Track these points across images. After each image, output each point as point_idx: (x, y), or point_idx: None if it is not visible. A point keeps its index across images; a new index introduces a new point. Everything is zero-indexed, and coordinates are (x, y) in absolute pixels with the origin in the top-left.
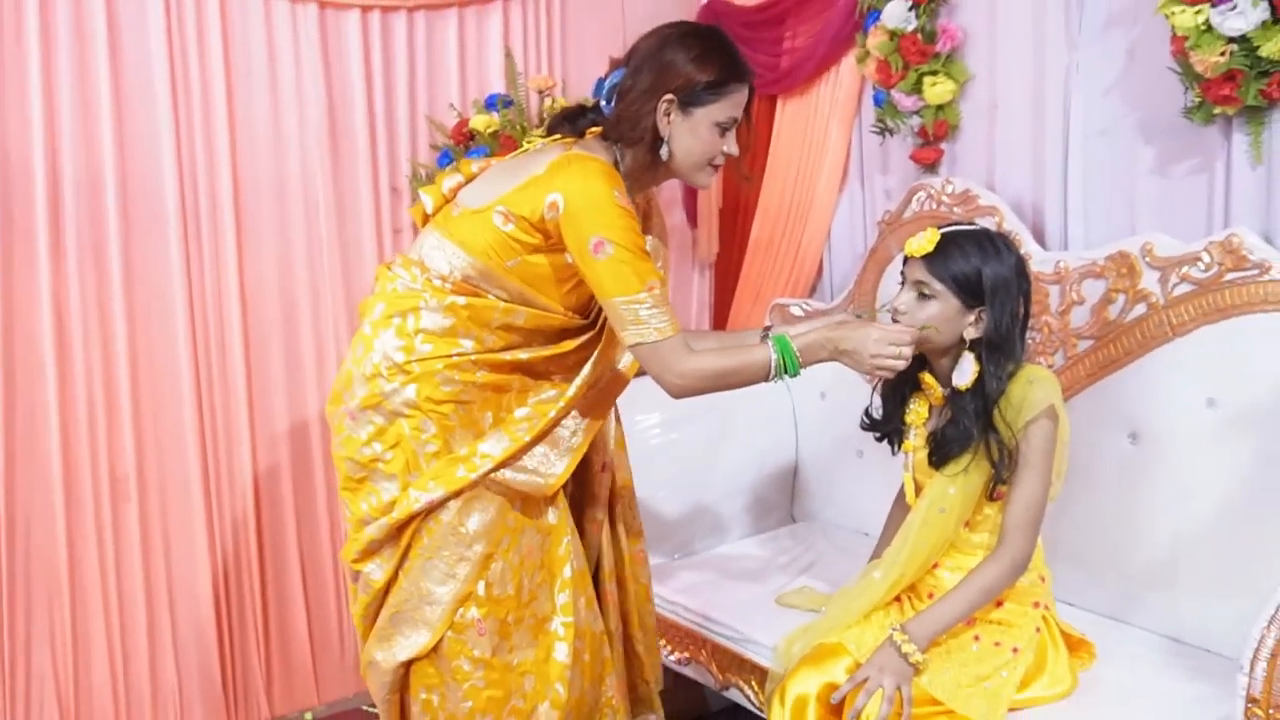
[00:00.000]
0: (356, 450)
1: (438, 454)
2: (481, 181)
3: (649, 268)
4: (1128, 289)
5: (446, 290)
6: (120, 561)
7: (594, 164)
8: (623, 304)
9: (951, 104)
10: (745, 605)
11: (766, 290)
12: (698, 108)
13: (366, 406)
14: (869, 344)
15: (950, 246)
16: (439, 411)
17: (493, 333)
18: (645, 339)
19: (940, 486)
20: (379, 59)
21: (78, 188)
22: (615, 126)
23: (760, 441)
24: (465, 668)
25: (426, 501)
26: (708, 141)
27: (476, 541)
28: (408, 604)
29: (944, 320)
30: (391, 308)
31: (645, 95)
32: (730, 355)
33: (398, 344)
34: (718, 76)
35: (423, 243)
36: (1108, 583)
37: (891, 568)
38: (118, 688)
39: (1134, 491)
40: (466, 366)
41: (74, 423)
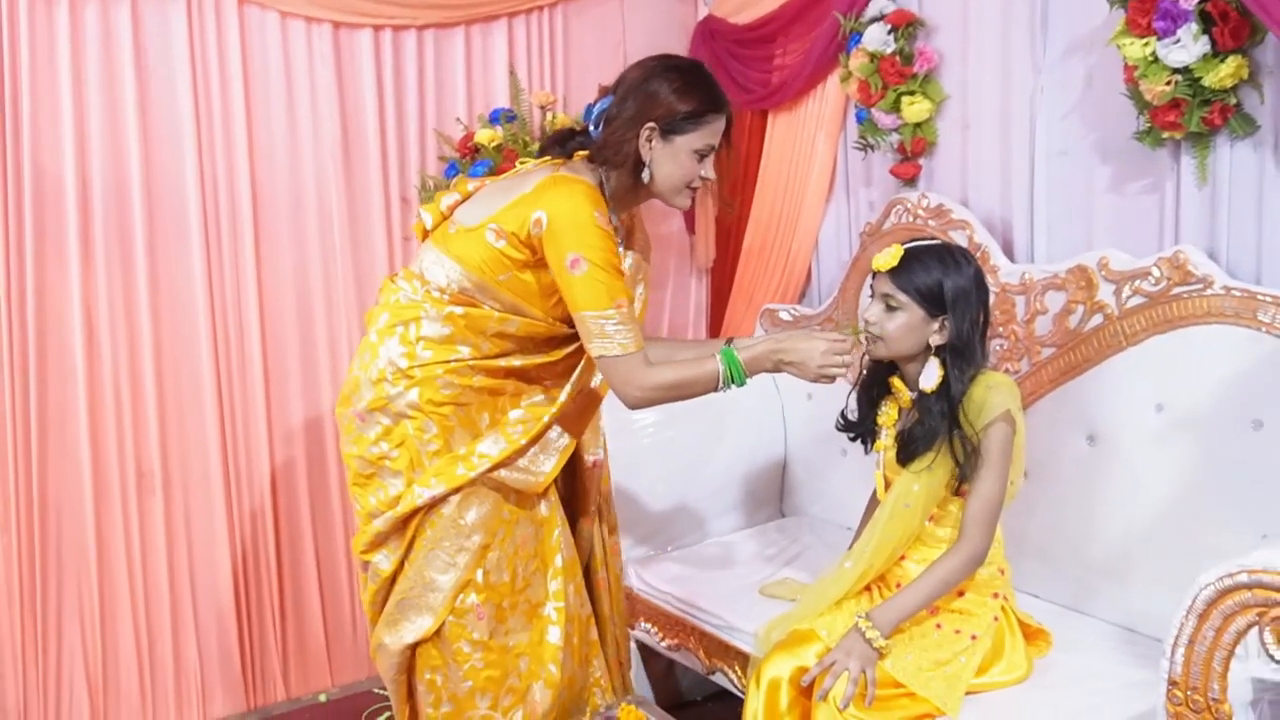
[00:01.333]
0: (365, 449)
1: (439, 452)
2: (476, 200)
3: (620, 286)
4: (1086, 300)
5: (445, 301)
6: (145, 551)
7: (578, 185)
8: (592, 318)
9: (929, 122)
10: (731, 595)
11: (759, 295)
12: (678, 135)
13: (374, 409)
14: (816, 356)
15: (913, 261)
16: (439, 413)
17: (488, 340)
18: (608, 352)
19: (906, 483)
20: (390, 75)
21: (106, 198)
22: (601, 151)
23: (750, 440)
24: (465, 650)
25: (429, 497)
26: (686, 167)
27: (475, 533)
28: (413, 591)
29: (909, 329)
30: (395, 317)
31: (629, 123)
32: (682, 369)
33: (401, 351)
34: (697, 107)
35: (423, 257)
36: (1067, 575)
37: (860, 558)
38: (143, 669)
39: (1091, 490)
40: (464, 371)
41: (102, 420)
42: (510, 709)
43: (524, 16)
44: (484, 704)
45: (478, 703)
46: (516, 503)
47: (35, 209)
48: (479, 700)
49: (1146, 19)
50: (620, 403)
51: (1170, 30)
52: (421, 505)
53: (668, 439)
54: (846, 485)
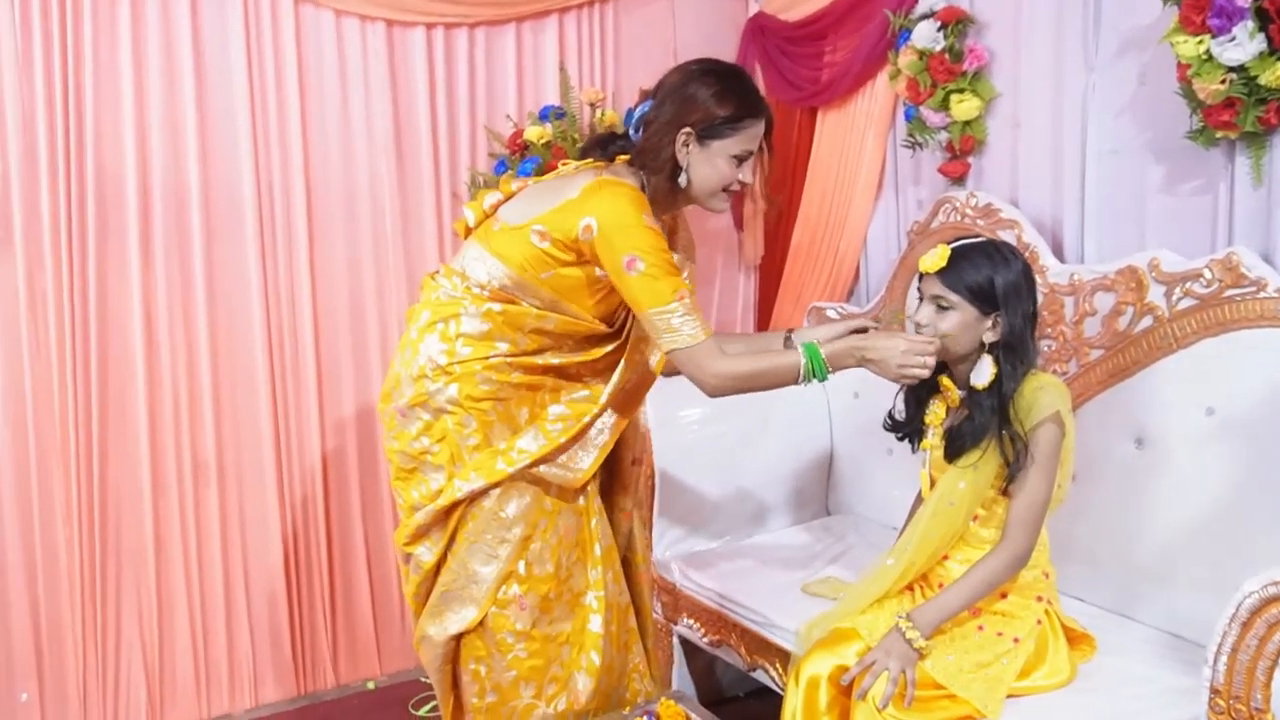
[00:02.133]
0: (407, 444)
1: (479, 447)
2: (520, 200)
3: (678, 280)
4: (1135, 302)
5: (485, 298)
6: (201, 541)
7: (623, 189)
8: (656, 315)
9: (978, 120)
10: (773, 592)
11: (806, 293)
12: (715, 140)
13: (414, 404)
14: (896, 355)
15: (961, 260)
16: (479, 408)
17: (526, 336)
18: (679, 344)
19: (951, 481)
20: (442, 72)
21: (165, 196)
22: (640, 155)
23: (797, 437)
24: (508, 640)
25: (468, 490)
26: (723, 172)
27: (515, 525)
28: (455, 583)
29: (963, 328)
30: (435, 314)
31: (667, 127)
32: (762, 359)
33: (441, 347)
34: (734, 112)
35: (465, 254)
36: (1113, 580)
37: (903, 555)
38: (198, 655)
39: (1138, 493)
40: (503, 368)
41: (160, 414)
42: (554, 697)
43: (575, 13)
44: (528, 693)
45: (521, 692)
46: (558, 494)
47: (97, 207)
48: (523, 689)
49: (1201, 16)
50: (700, 393)
51: (1225, 28)
52: (462, 498)
53: (713, 434)
54: (892, 484)
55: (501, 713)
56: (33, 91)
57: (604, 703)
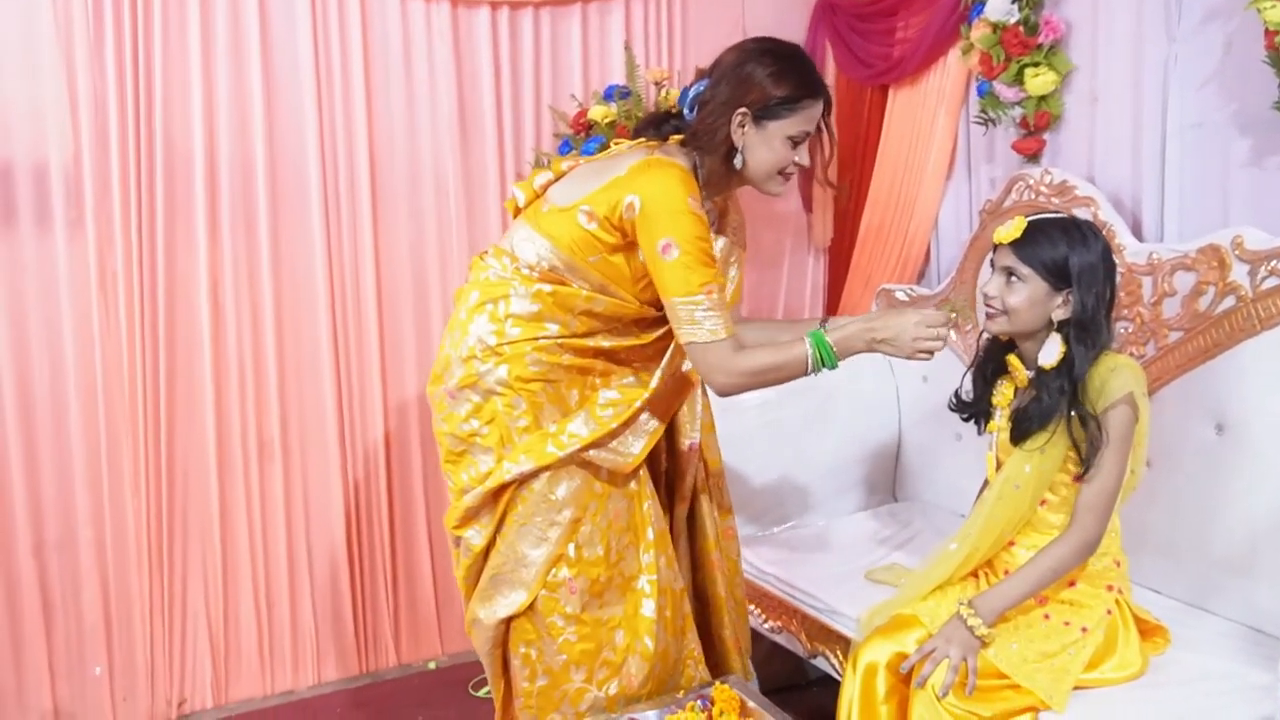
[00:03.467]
0: (456, 426)
1: (528, 429)
2: (569, 180)
3: (710, 274)
4: (1218, 281)
5: (534, 279)
6: (265, 517)
7: (673, 169)
8: (680, 304)
9: (1054, 95)
10: (835, 578)
11: (876, 276)
12: (771, 121)
13: (464, 386)
14: (909, 329)
15: (1037, 233)
16: (528, 389)
17: (576, 318)
18: (697, 339)
19: (1017, 464)
20: (507, 52)
21: (232, 173)
22: (694, 135)
23: (863, 422)
24: (559, 624)
25: (517, 473)
26: (780, 153)
27: (565, 508)
28: (505, 566)
29: (1031, 303)
30: (485, 295)
31: (723, 107)
32: (770, 353)
33: (490, 328)
34: (792, 92)
35: (514, 234)
36: (1189, 570)
37: (966, 540)
38: (261, 631)
39: (1217, 481)
40: (553, 349)
41: (227, 390)
42: (605, 681)
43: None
44: (579, 677)
45: (572, 676)
46: (608, 478)
47: (166, 183)
48: (573, 673)
49: None
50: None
51: None
52: (510, 480)
53: (775, 419)
54: (961, 470)
55: (553, 696)
56: (104, 71)
57: (658, 688)
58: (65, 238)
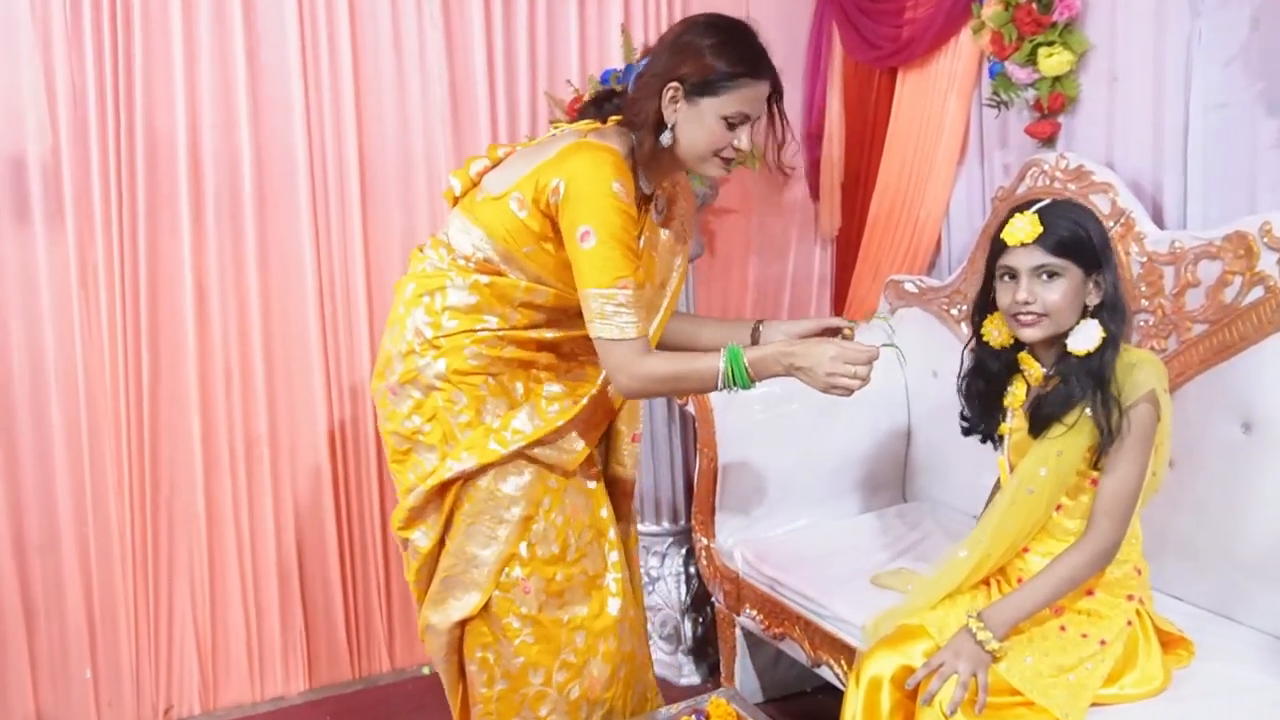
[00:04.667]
0: (399, 424)
1: (470, 424)
2: (504, 167)
3: (628, 267)
4: (1245, 271)
5: (470, 270)
6: (254, 519)
7: (602, 153)
8: (594, 295)
9: (1069, 76)
10: (840, 583)
11: (885, 266)
12: (704, 97)
13: (405, 381)
14: (825, 362)
15: (1054, 220)
16: (468, 383)
17: (515, 310)
18: (605, 334)
19: (1031, 466)
20: (500, 36)
21: (217, 163)
22: (626, 109)
23: (871, 418)
24: (515, 625)
25: (459, 470)
26: (713, 133)
27: (515, 504)
28: (455, 568)
29: (1072, 295)
30: (421, 287)
31: (656, 80)
32: (681, 361)
33: (427, 320)
34: (729, 68)
35: (450, 225)
36: (1214, 576)
37: (976, 547)
38: (250, 635)
39: (1244, 483)
40: (493, 342)
41: (212, 387)
42: (566, 684)
43: None
44: (537, 679)
45: (531, 679)
46: (563, 470)
47: (148, 176)
48: (532, 676)
49: None
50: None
51: None
52: (452, 478)
53: (780, 415)
54: (973, 469)
55: (513, 700)
56: (82, 60)
57: (624, 692)
58: (44, 232)
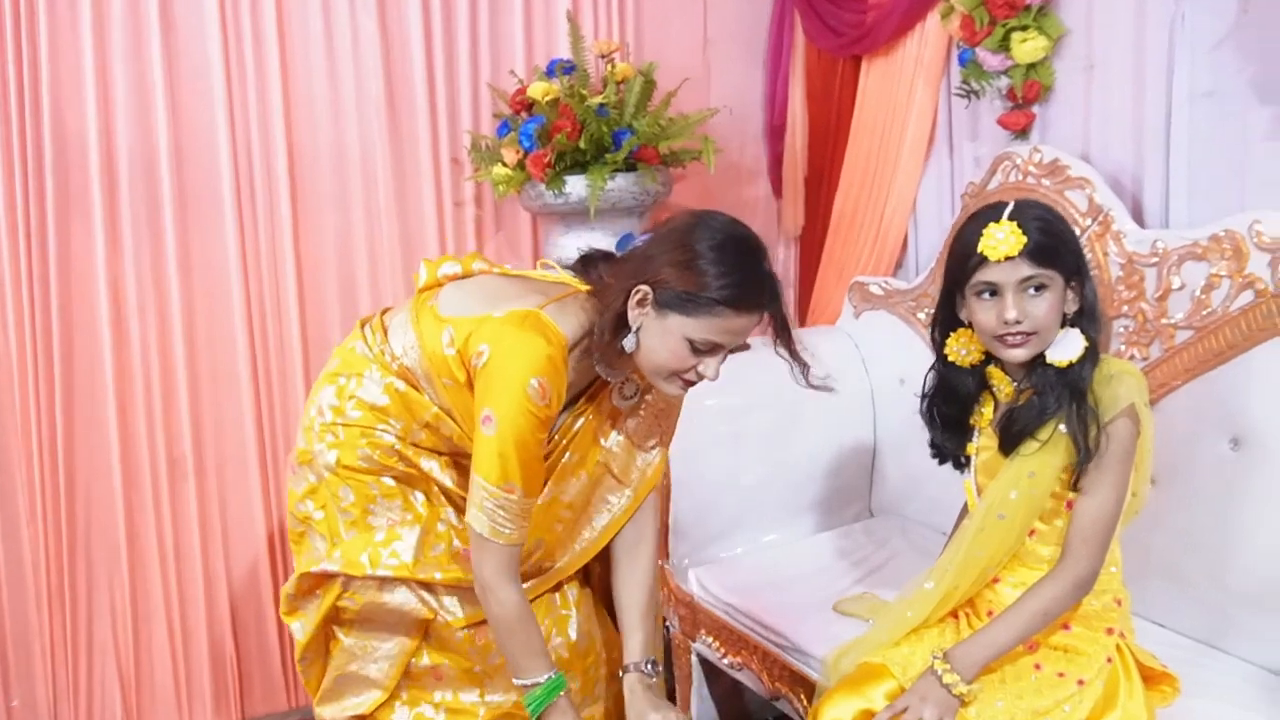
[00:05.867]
0: (294, 505)
1: (355, 523)
2: (466, 288)
3: (516, 473)
4: (1233, 274)
5: (392, 370)
6: (179, 541)
7: (538, 340)
8: (479, 484)
9: (1044, 63)
10: (801, 610)
11: (850, 266)
12: (674, 313)
13: (302, 462)
14: None
15: (1031, 225)
16: (356, 480)
17: (422, 429)
18: (476, 526)
19: (1001, 490)
20: (439, 23)
21: (132, 164)
22: (600, 290)
23: (835, 428)
24: (428, 714)
25: (322, 568)
26: (676, 353)
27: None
28: (352, 664)
29: (1057, 306)
30: (342, 366)
31: (630, 271)
32: (522, 632)
33: (332, 403)
34: (699, 292)
35: (397, 314)
36: (1202, 604)
37: (942, 578)
38: (177, 664)
39: (1233, 502)
40: (388, 451)
41: (131, 403)
42: None
43: None
44: None
45: None
46: None
47: (57, 175)
48: None
49: None
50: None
51: None
52: (321, 572)
53: (739, 428)
54: (945, 482)
55: None
56: None
57: None
58: None
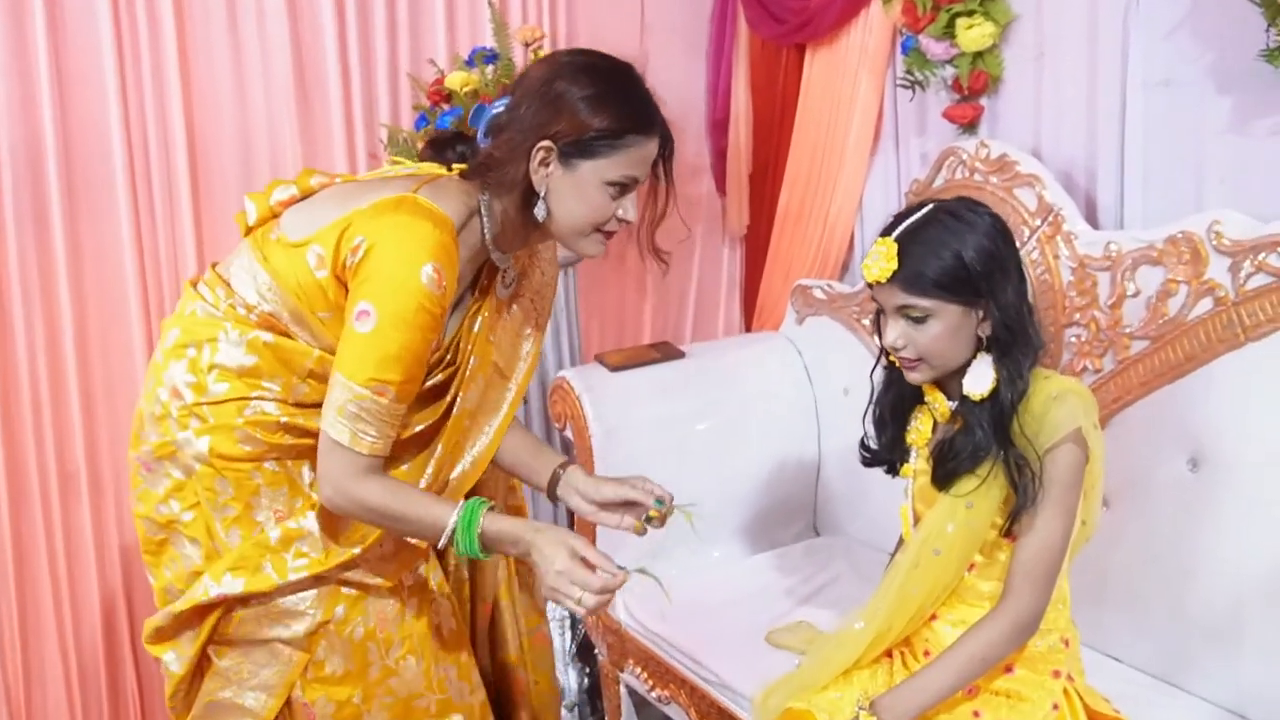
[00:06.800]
0: (153, 508)
1: (239, 519)
2: (313, 204)
3: (395, 374)
4: (1191, 279)
5: (251, 323)
6: (71, 561)
7: (424, 221)
8: (341, 384)
9: (992, 51)
10: (732, 641)
11: (796, 268)
12: (585, 160)
13: (161, 456)
14: (551, 573)
15: (914, 247)
16: (236, 470)
17: (304, 381)
18: (332, 433)
19: (937, 523)
20: (353, 6)
21: (15, 156)
22: (482, 170)
23: (777, 442)
24: None
25: (217, 595)
26: (595, 203)
27: (299, 618)
28: (225, 691)
29: (951, 335)
30: (187, 335)
31: (521, 137)
32: (407, 500)
33: (188, 380)
34: (613, 124)
35: (235, 260)
36: (1159, 638)
37: (874, 617)
38: (72, 695)
39: (1194, 527)
40: (271, 427)
41: (18, 415)
42: None
43: None
44: None
45: None
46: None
47: None
48: None
49: None
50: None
51: None
52: (210, 603)
53: (673, 440)
54: (890, 500)
55: None
56: None
57: None
58: None
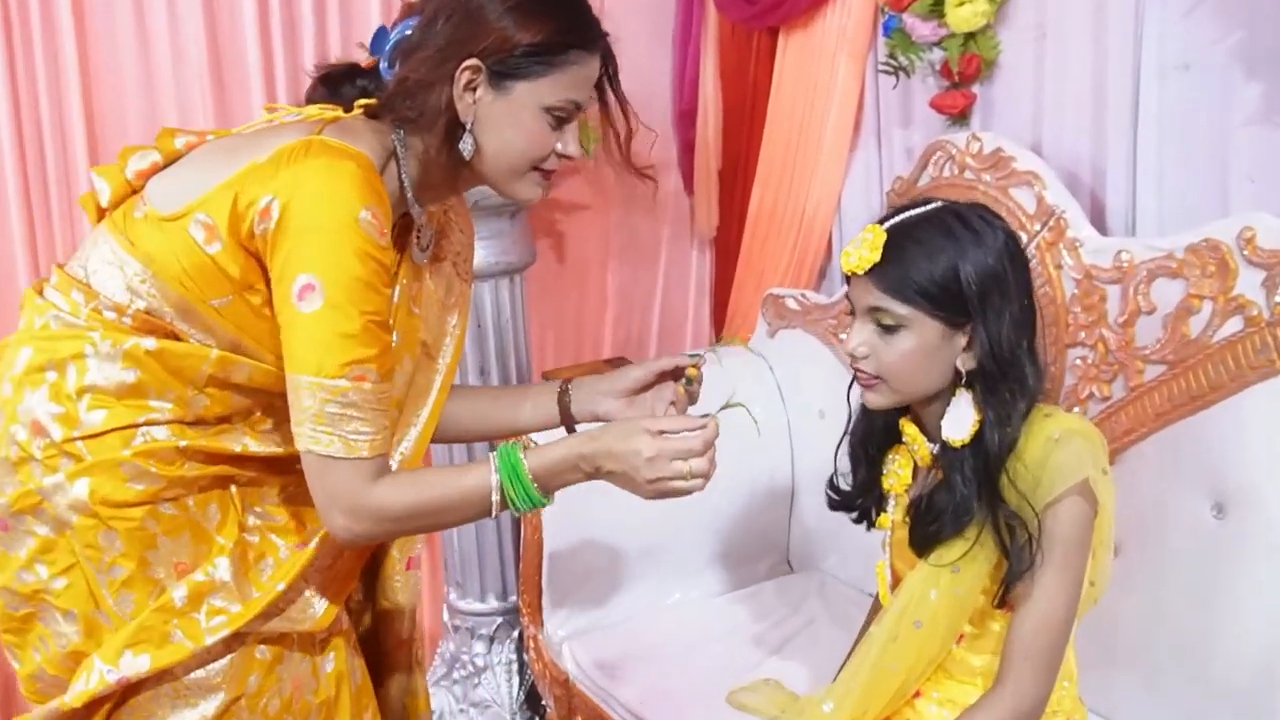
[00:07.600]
0: (14, 575)
1: (130, 582)
2: (184, 167)
3: (368, 346)
4: (1217, 294)
5: (126, 328)
6: None
7: (344, 161)
8: (309, 386)
9: (985, 31)
10: (689, 699)
11: (769, 273)
12: (518, 81)
13: (21, 510)
14: (641, 466)
15: (906, 244)
16: (125, 517)
17: (201, 392)
18: (319, 448)
19: (919, 589)
20: None
21: None
22: (393, 101)
23: (747, 468)
24: None
25: (118, 681)
26: (532, 135)
27: (209, 693)
28: None
29: (923, 355)
30: (42, 355)
31: (439, 57)
32: (433, 484)
33: (53, 411)
34: (548, 38)
35: (92, 252)
36: (1175, 699)
37: (845, 698)
38: None
39: (1216, 579)
40: (167, 456)
41: None
42: None
43: None
44: None
45: None
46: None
47: None
48: None
49: None
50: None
51: None
52: (108, 694)
53: None
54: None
55: None
56: None
57: None
58: None
